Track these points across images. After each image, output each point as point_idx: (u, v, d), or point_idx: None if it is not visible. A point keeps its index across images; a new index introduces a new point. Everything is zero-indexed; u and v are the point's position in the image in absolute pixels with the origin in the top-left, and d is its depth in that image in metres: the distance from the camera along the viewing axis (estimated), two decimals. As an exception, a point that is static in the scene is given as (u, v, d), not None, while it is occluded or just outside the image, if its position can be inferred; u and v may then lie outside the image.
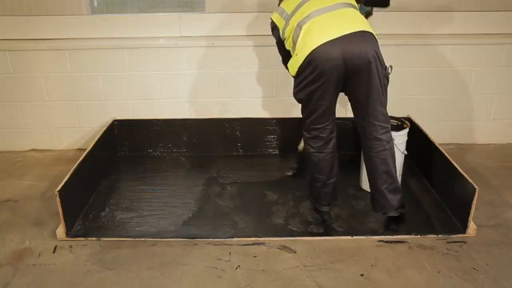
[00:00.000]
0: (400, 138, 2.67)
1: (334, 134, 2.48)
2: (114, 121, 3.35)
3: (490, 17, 3.34)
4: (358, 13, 2.32)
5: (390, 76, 2.33)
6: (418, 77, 3.36)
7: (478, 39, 3.30)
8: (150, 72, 3.30)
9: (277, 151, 3.41)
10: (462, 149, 3.47)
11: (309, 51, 2.22)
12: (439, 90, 3.41)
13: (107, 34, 3.33)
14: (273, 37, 2.53)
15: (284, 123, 3.31)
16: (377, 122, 2.35)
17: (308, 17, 2.26)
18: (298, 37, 2.27)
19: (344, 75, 2.26)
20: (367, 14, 2.60)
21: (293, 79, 2.42)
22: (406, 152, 2.76)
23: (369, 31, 2.26)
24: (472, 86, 3.40)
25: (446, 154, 2.67)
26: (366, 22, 2.30)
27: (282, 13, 2.39)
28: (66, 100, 3.36)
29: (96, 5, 3.42)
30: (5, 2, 3.24)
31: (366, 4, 2.56)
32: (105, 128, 3.22)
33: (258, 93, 3.36)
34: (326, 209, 2.62)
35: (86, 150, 2.82)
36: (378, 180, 2.43)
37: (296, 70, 2.32)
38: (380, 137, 2.37)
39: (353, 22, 2.25)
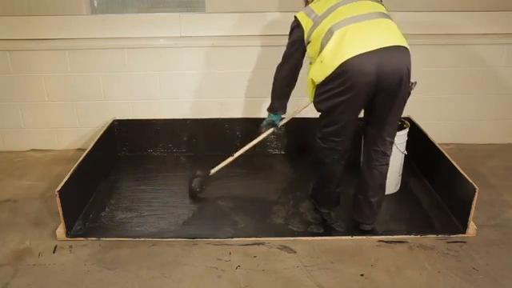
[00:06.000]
0: (400, 138, 2.67)
1: (350, 147, 2.39)
2: (114, 121, 3.34)
3: (490, 17, 3.34)
4: (393, 24, 2.18)
5: (412, 91, 2.26)
6: (417, 77, 3.32)
7: (477, 39, 3.30)
8: (149, 72, 3.30)
9: (277, 151, 3.42)
10: (462, 149, 3.47)
11: (340, 61, 2.08)
12: (439, 90, 3.40)
13: (107, 34, 3.32)
14: (288, 36, 2.37)
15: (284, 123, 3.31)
16: (388, 138, 2.31)
17: (341, 23, 2.11)
18: (327, 42, 2.12)
19: (374, 90, 2.15)
20: None
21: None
22: (406, 152, 2.76)
23: (404, 46, 2.13)
24: (472, 85, 3.40)
25: (446, 154, 2.67)
26: (401, 35, 2.16)
27: (310, 13, 2.23)
28: (65, 100, 3.36)
29: (96, 5, 3.41)
30: (5, 2, 3.24)
31: None
32: (105, 128, 3.22)
33: (257, 93, 3.35)
34: (326, 210, 2.62)
35: (86, 150, 2.82)
36: (370, 191, 2.38)
37: (322, 79, 2.17)
38: (387, 152, 2.34)
39: (388, 34, 2.13)
